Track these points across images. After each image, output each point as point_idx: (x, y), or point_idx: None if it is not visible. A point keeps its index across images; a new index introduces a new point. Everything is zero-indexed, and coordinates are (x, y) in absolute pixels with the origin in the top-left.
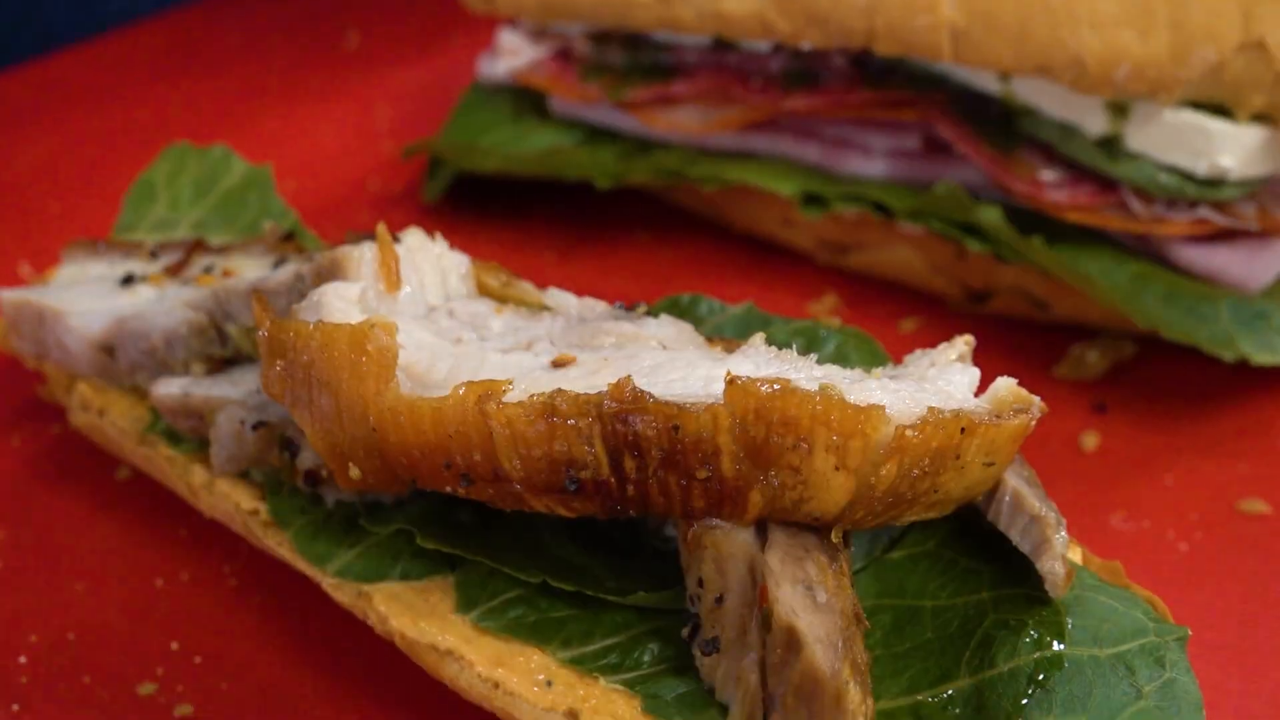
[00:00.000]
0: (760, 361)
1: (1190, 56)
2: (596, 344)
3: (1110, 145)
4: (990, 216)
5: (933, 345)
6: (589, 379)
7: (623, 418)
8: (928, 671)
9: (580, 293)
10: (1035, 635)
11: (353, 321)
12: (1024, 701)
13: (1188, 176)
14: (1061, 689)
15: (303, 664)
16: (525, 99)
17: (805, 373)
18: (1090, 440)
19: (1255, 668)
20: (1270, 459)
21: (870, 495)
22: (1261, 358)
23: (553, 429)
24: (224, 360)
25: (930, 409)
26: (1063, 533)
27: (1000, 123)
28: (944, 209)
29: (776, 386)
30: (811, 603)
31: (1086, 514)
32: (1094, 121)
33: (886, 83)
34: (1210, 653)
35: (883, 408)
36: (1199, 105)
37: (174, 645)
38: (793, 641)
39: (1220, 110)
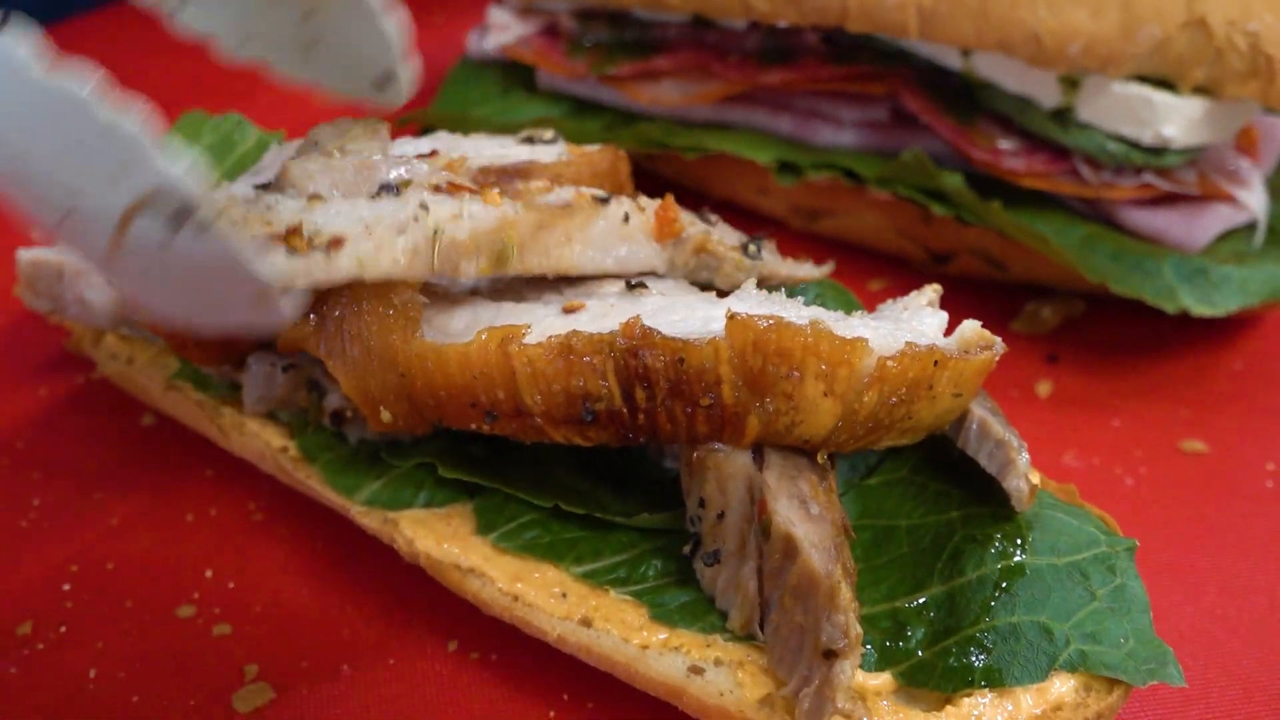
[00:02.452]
0: (753, 303)
1: (1138, 33)
2: (602, 292)
3: (1063, 116)
4: (953, 182)
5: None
6: (599, 322)
7: (634, 352)
8: (904, 581)
9: None
10: (1000, 547)
11: None
12: (991, 604)
13: (1134, 145)
14: (1024, 593)
15: (328, 588)
16: (513, 73)
17: (794, 312)
18: (1044, 388)
19: (1194, 585)
20: (1209, 403)
21: (854, 420)
22: (1201, 309)
23: (570, 365)
24: None
25: (907, 343)
26: (1024, 455)
27: (961, 95)
28: (910, 175)
29: (771, 321)
30: (806, 514)
31: (1041, 453)
32: (1048, 94)
33: (855, 58)
34: (1154, 573)
35: (866, 340)
36: (1145, 79)
37: (208, 573)
38: (790, 548)
39: (1164, 84)
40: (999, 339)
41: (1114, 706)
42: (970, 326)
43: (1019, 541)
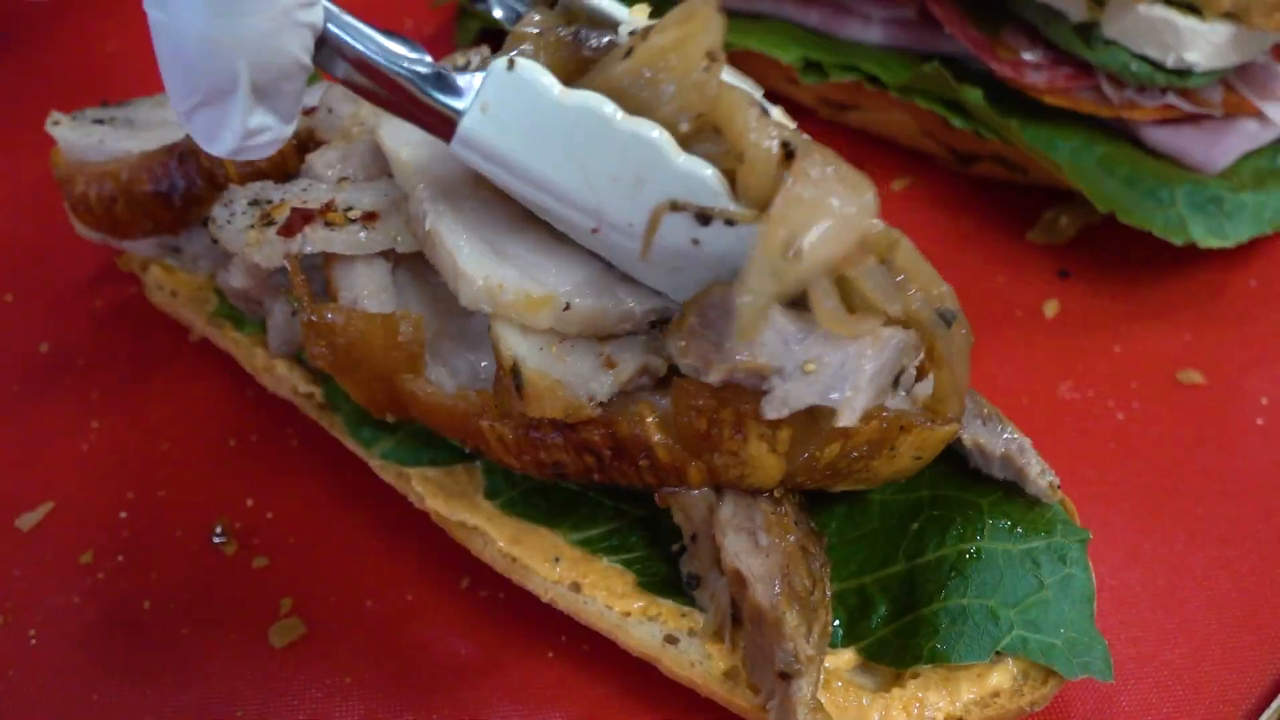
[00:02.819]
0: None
1: None
2: None
3: (1088, 32)
4: (973, 97)
5: (922, 205)
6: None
7: (572, 427)
8: (873, 557)
9: None
10: (960, 531)
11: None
12: (945, 585)
13: (1157, 66)
14: (976, 577)
15: (355, 523)
16: None
17: None
18: (1051, 307)
19: (1163, 533)
20: (1212, 327)
21: (812, 466)
22: (1210, 241)
23: (533, 441)
24: None
25: (877, 406)
26: (1033, 458)
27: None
28: (931, 86)
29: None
30: (754, 546)
31: (1038, 382)
32: (1075, 8)
33: None
34: (1129, 518)
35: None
36: (1171, 2)
37: (249, 502)
38: (738, 581)
39: (1190, 8)
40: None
41: (1047, 696)
42: (939, 393)
43: (978, 525)
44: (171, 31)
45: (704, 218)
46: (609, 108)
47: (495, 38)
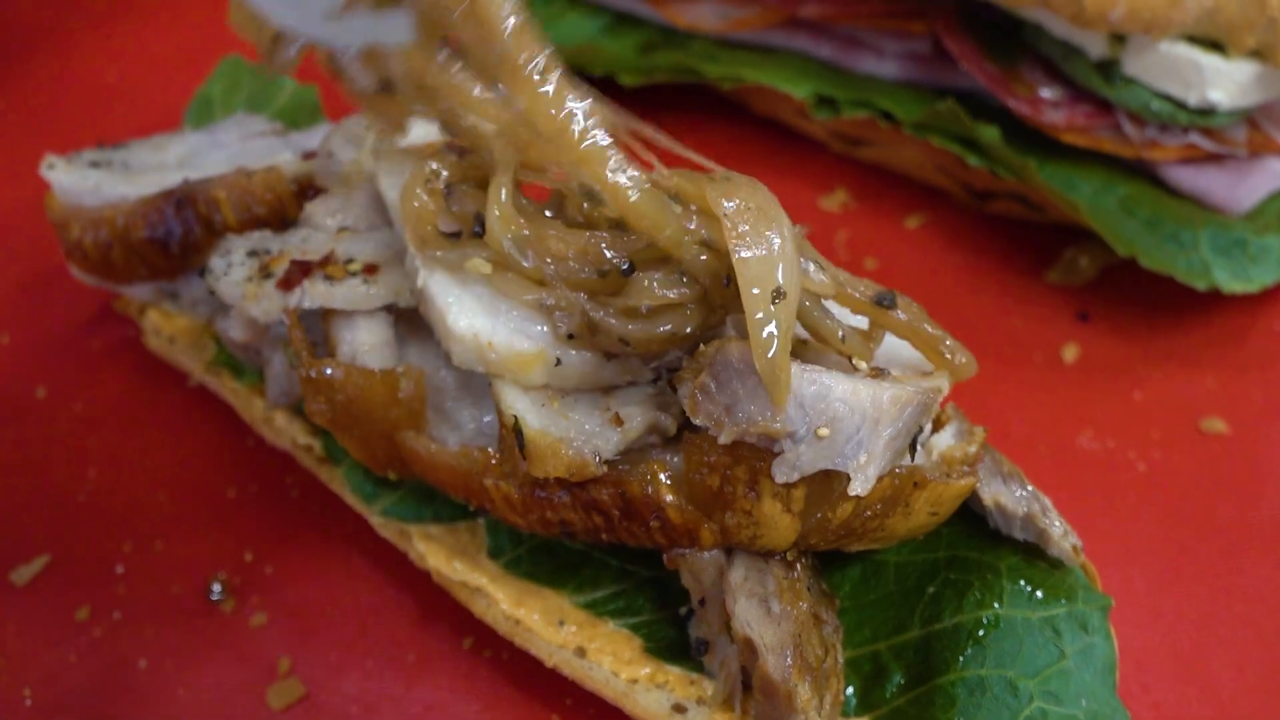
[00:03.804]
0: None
1: (1185, 1)
2: None
3: (1108, 69)
4: (989, 135)
5: (937, 244)
6: None
7: (581, 485)
8: (887, 622)
9: None
10: (979, 596)
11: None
12: (963, 655)
13: (1180, 105)
14: (995, 646)
15: (355, 579)
16: None
17: None
18: (1070, 351)
19: (1184, 591)
20: (1236, 373)
21: (825, 527)
22: (1233, 287)
23: (539, 500)
24: None
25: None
26: (1056, 520)
27: (1006, 34)
28: (946, 124)
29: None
30: (765, 613)
31: (1057, 431)
32: (1094, 44)
33: None
34: (1148, 574)
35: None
36: (1194, 39)
37: (248, 556)
38: (748, 650)
39: (1214, 45)
40: (985, 459)
41: None
42: (953, 447)
43: (997, 590)
44: None
45: None
46: None
47: None
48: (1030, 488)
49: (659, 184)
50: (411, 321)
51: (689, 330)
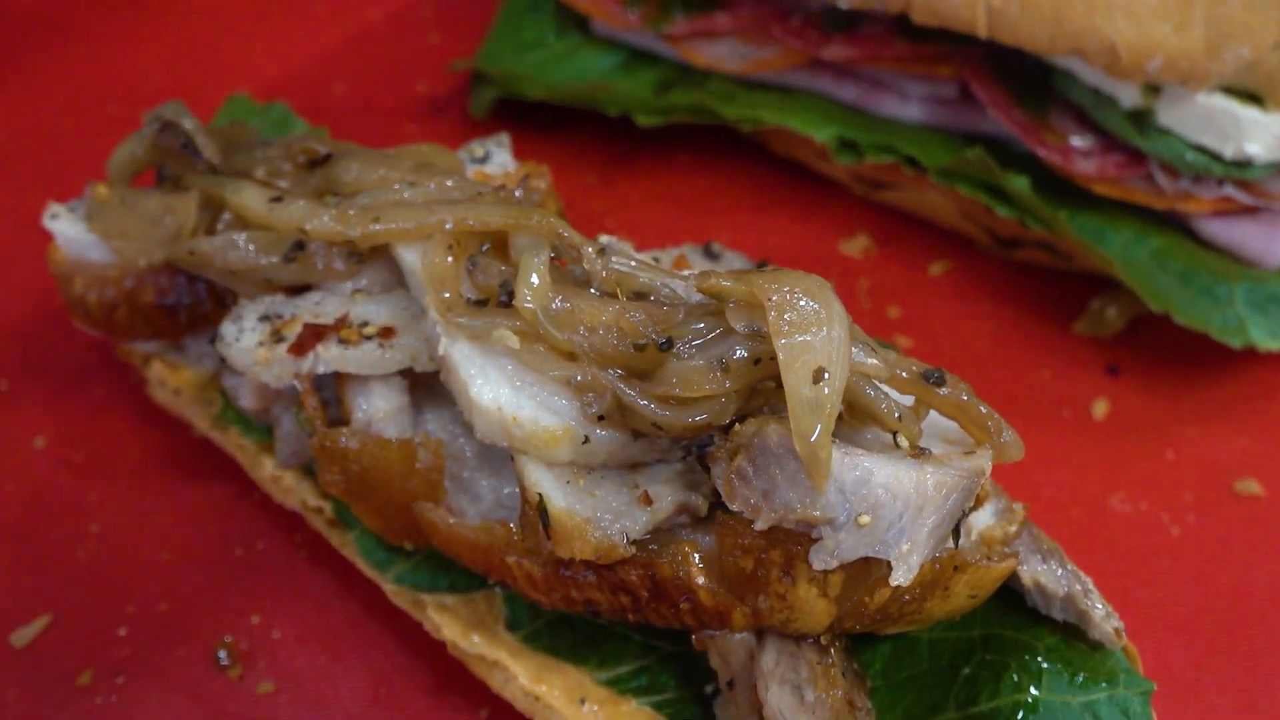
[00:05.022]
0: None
1: (1224, 52)
2: None
3: (1141, 119)
4: (1019, 185)
5: (961, 292)
6: None
7: (609, 567)
8: (920, 701)
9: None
10: (1016, 679)
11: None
12: None
13: (1215, 156)
14: None
15: (366, 644)
16: (570, 12)
17: None
18: (1100, 408)
19: (1221, 665)
20: (1270, 433)
21: (861, 611)
22: (1269, 345)
23: (564, 580)
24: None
25: None
26: (1098, 602)
27: (1036, 80)
28: (973, 171)
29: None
30: (799, 702)
31: (1088, 492)
32: (1127, 93)
33: (926, 33)
34: (1187, 651)
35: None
36: (1231, 91)
37: (255, 619)
38: None
39: (1252, 97)
40: (1022, 538)
41: None
42: (993, 527)
43: (1035, 673)
44: None
45: None
46: None
47: (511, 109)
48: (1071, 566)
49: (704, 286)
50: (428, 386)
51: (726, 420)
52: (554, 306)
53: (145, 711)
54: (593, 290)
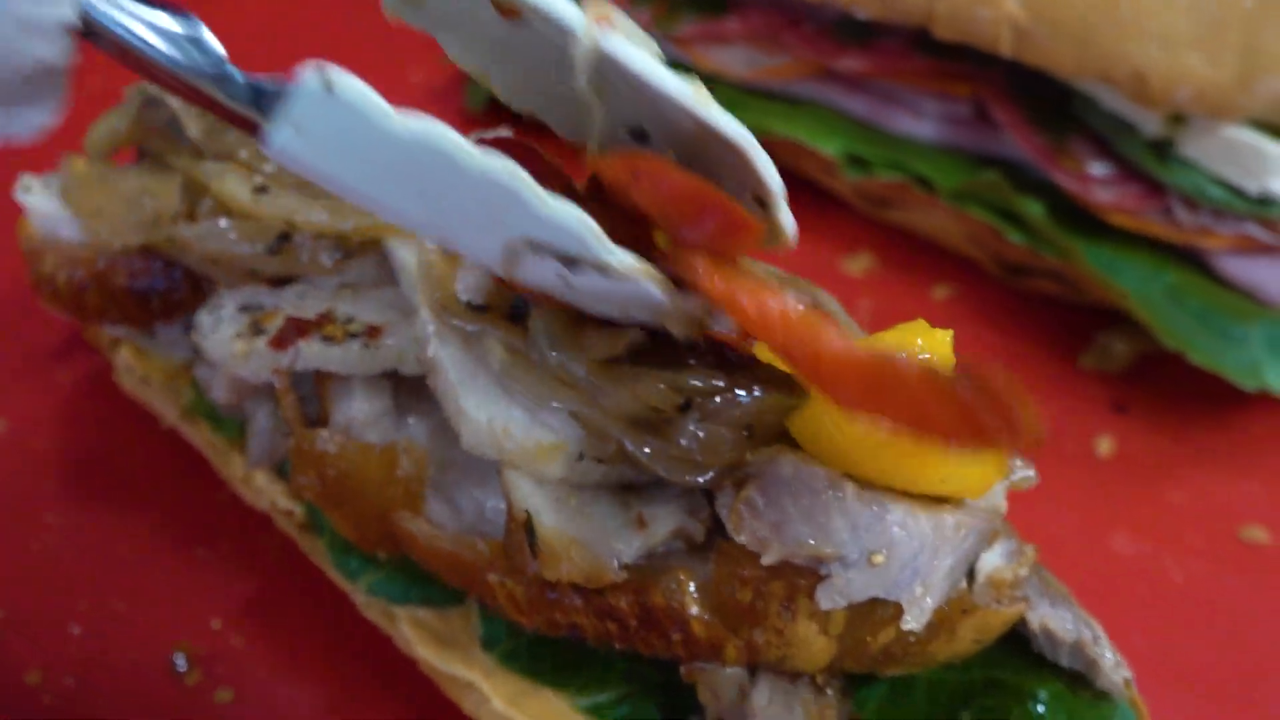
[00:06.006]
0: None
1: (1256, 84)
2: None
3: (1163, 149)
4: (1034, 211)
5: (965, 318)
6: None
7: (598, 591)
8: None
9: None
10: None
11: None
12: None
13: (1238, 192)
14: None
15: (333, 654)
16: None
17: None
18: (1105, 445)
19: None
20: (1278, 478)
21: (862, 651)
22: None
23: (549, 602)
24: None
25: None
26: (1108, 649)
27: (1056, 103)
28: (987, 194)
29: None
30: None
31: (1090, 533)
32: (1150, 123)
33: (945, 49)
34: (1191, 706)
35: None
36: (1259, 124)
37: (216, 624)
38: None
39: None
40: (1031, 583)
41: None
42: (1002, 568)
43: None
44: None
45: (569, 261)
46: (454, 141)
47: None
48: (1079, 611)
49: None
50: (413, 390)
51: (733, 468)
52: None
53: (95, 716)
54: None
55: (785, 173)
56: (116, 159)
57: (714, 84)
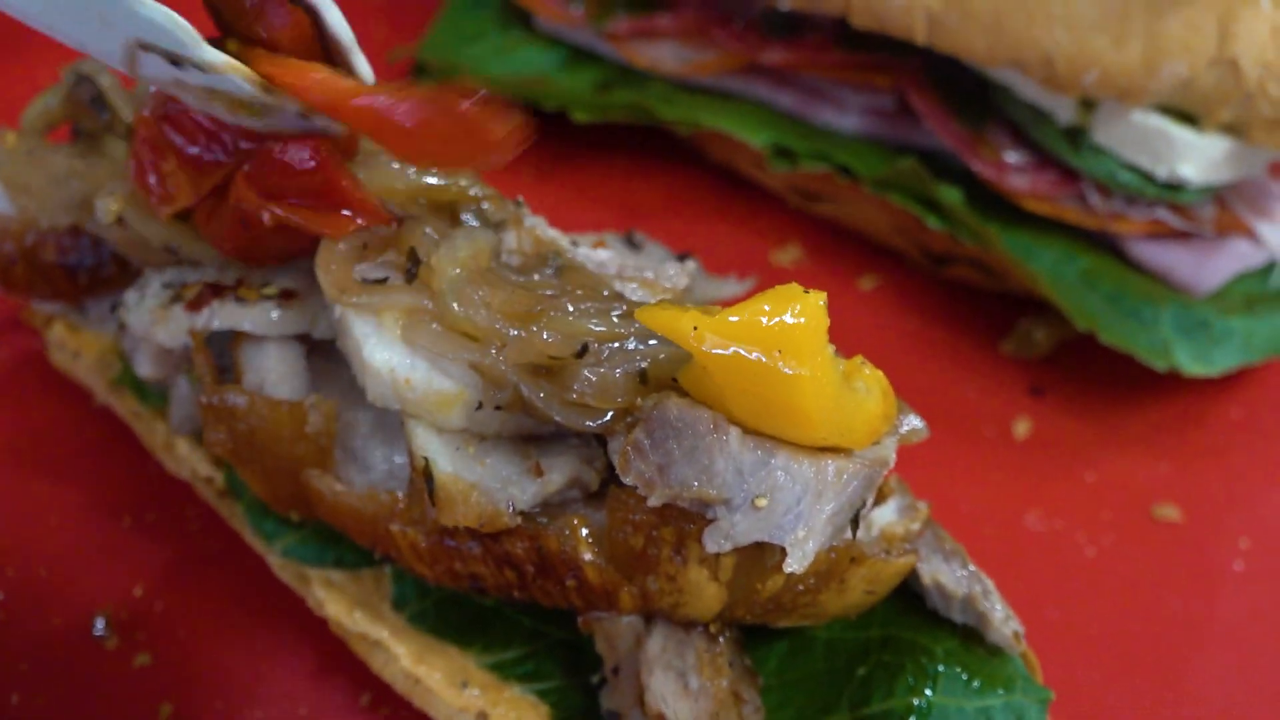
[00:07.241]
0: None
1: (1161, 68)
2: None
3: (1076, 136)
4: (951, 197)
5: (890, 307)
6: None
7: (494, 537)
8: (813, 702)
9: (553, 220)
10: (911, 681)
11: None
12: None
13: (1148, 178)
14: None
15: (251, 622)
16: (514, 8)
17: None
18: (1022, 427)
19: (1133, 685)
20: (1192, 459)
21: (753, 599)
22: (1194, 369)
23: (448, 550)
24: None
25: None
26: (997, 604)
27: (974, 95)
28: (907, 182)
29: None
30: (683, 689)
31: (1004, 509)
32: (1063, 110)
33: (865, 43)
34: (1094, 668)
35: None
36: (1167, 110)
37: (138, 590)
38: None
39: (1187, 117)
40: (926, 535)
41: None
42: (895, 522)
43: (931, 675)
44: None
45: (176, 60)
46: None
47: None
48: (972, 567)
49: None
50: (328, 355)
51: (625, 413)
52: (459, 275)
53: (15, 678)
54: (516, 278)
55: (718, 167)
56: (53, 137)
57: (648, 80)
